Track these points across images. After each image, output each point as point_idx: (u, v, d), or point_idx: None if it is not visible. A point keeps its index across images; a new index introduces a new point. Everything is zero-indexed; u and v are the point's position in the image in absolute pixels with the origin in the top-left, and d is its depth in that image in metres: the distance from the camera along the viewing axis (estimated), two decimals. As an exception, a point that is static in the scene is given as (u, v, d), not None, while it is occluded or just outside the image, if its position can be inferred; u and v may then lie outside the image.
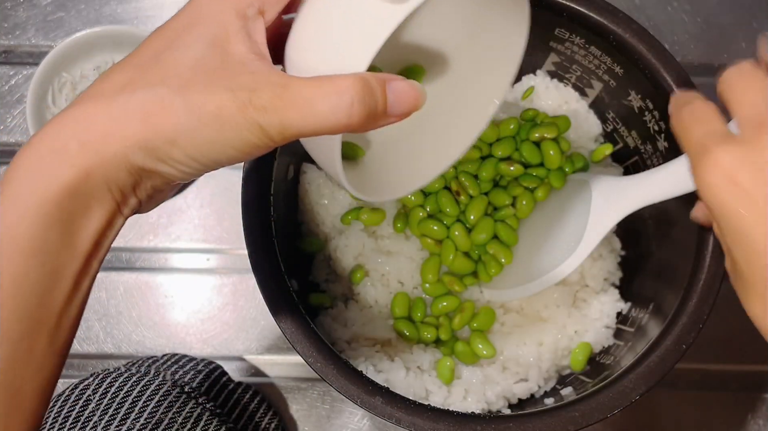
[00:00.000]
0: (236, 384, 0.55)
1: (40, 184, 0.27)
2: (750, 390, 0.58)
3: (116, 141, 0.27)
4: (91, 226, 0.28)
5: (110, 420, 0.49)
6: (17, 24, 0.65)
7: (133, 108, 0.28)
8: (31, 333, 0.27)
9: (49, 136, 0.28)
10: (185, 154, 0.28)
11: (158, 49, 0.29)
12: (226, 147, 0.28)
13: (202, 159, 0.28)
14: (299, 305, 0.45)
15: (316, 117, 0.27)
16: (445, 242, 0.52)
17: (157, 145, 0.27)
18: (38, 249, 0.27)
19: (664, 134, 0.49)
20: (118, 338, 0.59)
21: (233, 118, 0.27)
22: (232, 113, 0.27)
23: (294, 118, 0.27)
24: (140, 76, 0.28)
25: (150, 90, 0.28)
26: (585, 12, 0.48)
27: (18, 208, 0.27)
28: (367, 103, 0.28)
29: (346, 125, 0.28)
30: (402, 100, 0.29)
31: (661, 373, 0.43)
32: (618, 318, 0.53)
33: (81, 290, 0.29)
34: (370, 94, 0.28)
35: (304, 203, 0.55)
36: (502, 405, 0.51)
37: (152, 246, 0.61)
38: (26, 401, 0.28)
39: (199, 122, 0.27)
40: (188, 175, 0.29)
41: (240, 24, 0.30)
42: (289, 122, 0.27)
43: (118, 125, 0.27)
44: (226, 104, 0.27)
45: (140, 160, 0.28)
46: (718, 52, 0.64)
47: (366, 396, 0.43)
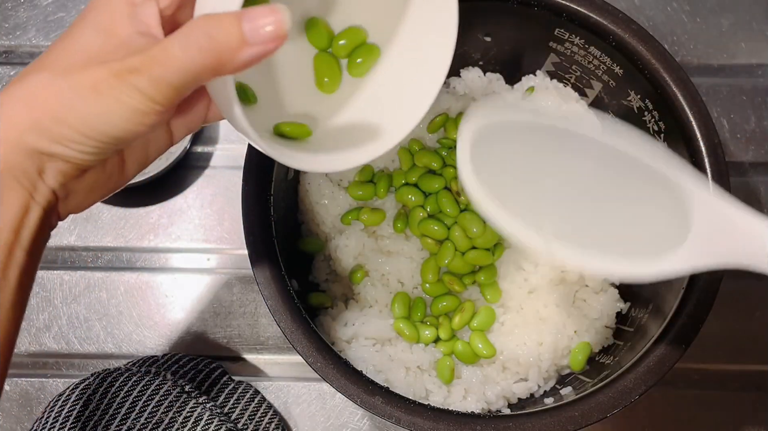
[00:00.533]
0: (236, 384, 0.55)
1: None
2: (750, 390, 0.58)
3: (8, 126, 0.28)
4: (5, 216, 0.29)
5: (110, 419, 0.49)
6: (18, 24, 0.65)
7: (20, 94, 0.29)
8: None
9: None
10: (75, 130, 0.29)
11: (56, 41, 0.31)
12: (111, 116, 0.29)
13: (93, 134, 0.29)
14: (299, 305, 0.45)
15: (174, 62, 0.28)
16: (445, 243, 0.52)
17: (45, 124, 0.29)
18: None
19: (663, 134, 0.49)
20: (119, 338, 0.59)
21: (109, 86, 0.28)
22: (107, 82, 0.28)
23: (160, 70, 0.28)
24: (32, 67, 0.30)
25: (35, 76, 0.29)
26: (584, 12, 0.48)
27: None
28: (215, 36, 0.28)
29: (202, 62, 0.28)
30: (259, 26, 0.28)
31: (660, 373, 0.43)
32: (618, 318, 0.53)
33: (9, 279, 0.29)
34: (218, 27, 0.28)
35: (304, 203, 0.55)
36: (501, 405, 0.51)
37: (153, 246, 0.61)
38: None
39: (80, 97, 0.28)
40: (89, 155, 0.30)
41: (127, 10, 0.31)
42: (158, 75, 0.28)
43: (7, 112, 0.29)
44: (101, 76, 0.29)
45: (34, 142, 0.29)
46: (718, 52, 0.64)
47: (366, 396, 0.43)
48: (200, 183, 0.62)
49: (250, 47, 0.29)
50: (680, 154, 0.48)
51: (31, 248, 0.30)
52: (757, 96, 0.63)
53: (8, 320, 0.29)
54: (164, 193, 0.62)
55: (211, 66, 0.28)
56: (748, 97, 0.63)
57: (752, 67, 0.64)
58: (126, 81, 0.28)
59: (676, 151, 0.48)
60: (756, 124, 0.62)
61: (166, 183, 0.61)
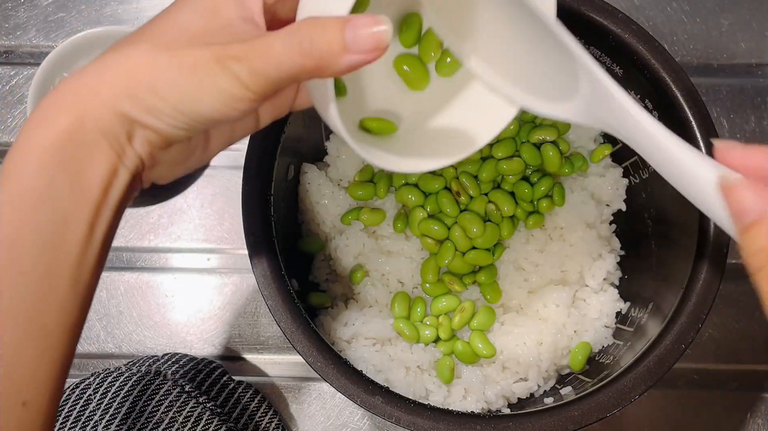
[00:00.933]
0: (236, 384, 0.55)
1: (40, 133, 0.29)
2: (749, 390, 0.58)
3: (104, 90, 0.29)
4: (95, 174, 0.30)
5: (111, 419, 0.49)
6: (18, 24, 0.65)
7: (120, 63, 0.30)
8: (51, 273, 0.29)
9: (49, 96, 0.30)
10: (169, 105, 0.30)
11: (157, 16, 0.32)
12: (206, 96, 0.30)
13: (186, 111, 0.30)
14: (299, 305, 0.45)
15: (275, 58, 0.29)
16: (445, 243, 0.52)
17: (142, 94, 0.29)
18: (46, 194, 0.29)
19: (663, 134, 0.49)
20: (119, 338, 0.59)
21: (209, 67, 0.29)
22: (208, 64, 0.29)
23: (260, 63, 0.29)
24: (138, 36, 0.31)
25: (136, 47, 0.30)
26: (584, 12, 0.48)
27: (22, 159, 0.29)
28: (317, 43, 0.29)
29: (301, 64, 0.29)
30: (362, 36, 0.29)
31: (660, 373, 0.43)
32: (617, 317, 0.53)
33: (96, 236, 0.30)
34: (322, 33, 0.29)
35: (304, 203, 0.55)
36: (501, 405, 0.51)
37: (153, 246, 0.61)
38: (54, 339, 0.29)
39: (179, 73, 0.29)
40: (178, 130, 0.31)
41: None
42: (257, 67, 0.29)
43: (106, 78, 0.30)
44: (203, 57, 0.29)
45: (128, 109, 0.29)
46: (718, 53, 0.64)
47: (366, 395, 0.43)
48: (200, 183, 0.62)
49: (351, 55, 0.30)
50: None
51: (116, 209, 0.31)
52: (757, 96, 0.63)
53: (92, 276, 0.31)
54: (164, 193, 0.62)
55: (310, 69, 0.30)
56: (748, 97, 0.63)
57: (752, 67, 0.64)
58: (226, 66, 0.29)
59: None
60: (756, 124, 0.62)
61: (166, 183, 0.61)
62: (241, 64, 0.29)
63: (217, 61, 0.29)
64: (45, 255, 0.29)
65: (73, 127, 0.29)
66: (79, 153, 0.29)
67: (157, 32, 0.31)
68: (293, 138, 0.50)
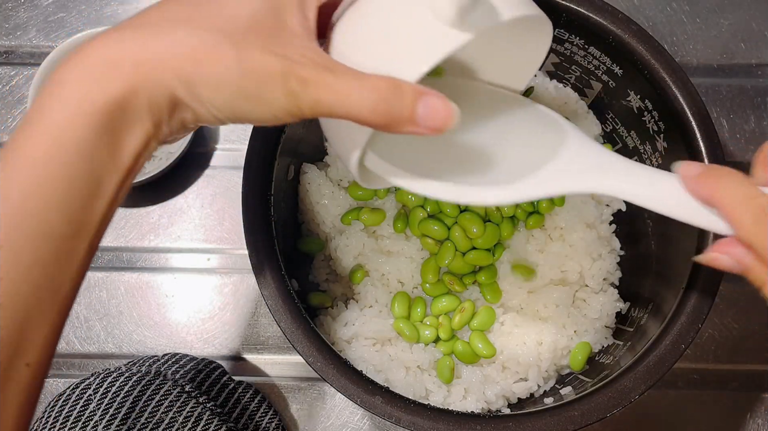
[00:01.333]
0: (236, 384, 0.55)
1: (91, 93, 0.28)
2: (749, 390, 0.58)
3: (165, 69, 0.29)
4: (133, 142, 0.30)
5: (111, 419, 0.49)
6: (18, 24, 0.65)
7: (187, 44, 0.29)
8: (75, 235, 0.29)
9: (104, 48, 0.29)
10: (221, 99, 0.30)
11: None
12: (260, 104, 0.30)
13: (235, 109, 0.30)
14: (299, 305, 0.45)
15: (345, 105, 0.30)
16: (445, 243, 0.52)
17: (199, 83, 0.29)
18: (87, 156, 0.28)
19: (663, 134, 0.49)
20: (119, 338, 0.59)
21: (275, 80, 0.29)
22: (275, 76, 0.29)
23: (328, 99, 0.30)
24: (199, 15, 0.30)
25: (206, 33, 0.30)
26: (584, 12, 0.48)
27: (68, 113, 0.28)
28: (393, 107, 0.30)
29: (366, 119, 0.30)
30: (431, 116, 0.30)
31: (660, 373, 0.43)
32: (617, 318, 0.53)
33: (118, 202, 0.30)
34: (399, 99, 0.30)
35: (304, 203, 0.55)
36: (501, 405, 0.51)
37: (153, 246, 0.61)
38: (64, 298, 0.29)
39: (244, 75, 0.29)
40: (217, 121, 0.31)
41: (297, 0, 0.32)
42: (322, 101, 0.30)
43: (170, 56, 0.29)
44: (272, 66, 0.29)
45: (180, 93, 0.29)
46: (718, 53, 0.64)
47: (366, 395, 0.43)
48: (200, 183, 0.62)
49: (414, 127, 0.31)
50: (680, 153, 0.48)
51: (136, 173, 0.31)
52: (757, 96, 0.63)
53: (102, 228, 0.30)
54: (164, 193, 0.62)
55: (370, 123, 0.30)
56: (748, 97, 0.63)
57: (752, 67, 0.64)
58: (290, 84, 0.29)
59: (676, 151, 0.48)
60: (756, 124, 0.62)
61: (167, 183, 0.61)
62: (307, 90, 0.30)
63: (284, 76, 0.29)
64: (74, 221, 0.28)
65: (127, 97, 0.29)
66: (124, 122, 0.29)
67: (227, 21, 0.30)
68: (293, 138, 0.50)
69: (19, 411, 0.28)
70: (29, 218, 0.27)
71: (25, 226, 0.27)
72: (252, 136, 0.47)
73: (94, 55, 0.29)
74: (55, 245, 0.28)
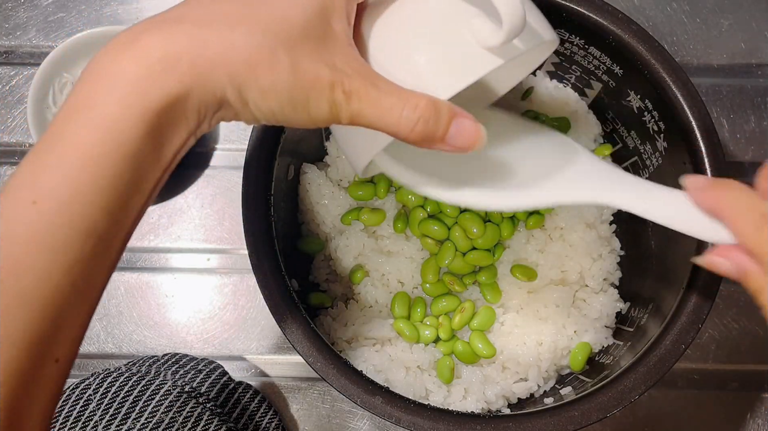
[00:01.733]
0: (236, 384, 0.55)
1: (150, 91, 0.28)
2: (749, 390, 0.58)
3: (221, 72, 0.29)
4: (176, 141, 0.30)
5: (111, 419, 0.49)
6: (18, 24, 0.65)
7: (245, 47, 0.29)
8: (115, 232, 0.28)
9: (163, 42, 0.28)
10: (268, 105, 0.30)
11: None
12: (303, 111, 0.30)
13: (277, 114, 0.30)
14: (299, 305, 0.45)
15: (385, 120, 0.31)
16: (446, 243, 0.52)
17: (250, 90, 0.29)
18: (135, 154, 0.28)
19: (663, 134, 0.49)
20: (119, 338, 0.59)
21: (323, 91, 0.30)
22: (324, 86, 0.30)
23: (370, 112, 0.31)
24: (253, 14, 0.30)
25: (263, 36, 0.29)
26: (584, 12, 0.48)
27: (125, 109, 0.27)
28: (430, 126, 0.31)
29: (404, 136, 0.31)
30: (462, 137, 0.32)
31: (660, 373, 0.43)
32: (617, 318, 0.53)
33: (153, 198, 0.30)
34: (436, 119, 0.31)
35: (304, 203, 0.55)
36: (501, 405, 0.51)
37: (153, 246, 0.61)
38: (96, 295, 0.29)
39: (295, 84, 0.30)
40: (254, 120, 0.31)
41: (344, 3, 0.32)
42: (364, 113, 0.31)
43: (226, 59, 0.29)
44: (323, 77, 0.30)
45: (230, 95, 0.29)
46: (718, 53, 0.64)
47: (366, 395, 0.43)
48: (200, 183, 0.62)
49: (443, 144, 0.32)
50: (680, 153, 0.48)
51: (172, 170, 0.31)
52: (757, 96, 0.63)
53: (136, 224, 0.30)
54: (164, 193, 0.62)
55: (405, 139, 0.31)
56: (748, 97, 0.63)
57: (752, 67, 0.64)
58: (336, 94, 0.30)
59: (676, 151, 0.48)
60: (756, 124, 0.62)
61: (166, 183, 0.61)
62: (350, 102, 0.30)
63: (331, 86, 0.30)
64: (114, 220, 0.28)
65: (180, 97, 0.28)
66: (173, 121, 0.29)
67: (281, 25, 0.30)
68: (293, 138, 0.50)
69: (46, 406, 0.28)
70: (76, 217, 0.27)
71: (73, 224, 0.27)
72: (252, 136, 0.47)
73: (154, 49, 0.28)
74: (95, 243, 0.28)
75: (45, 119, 0.59)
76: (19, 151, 0.63)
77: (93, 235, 0.27)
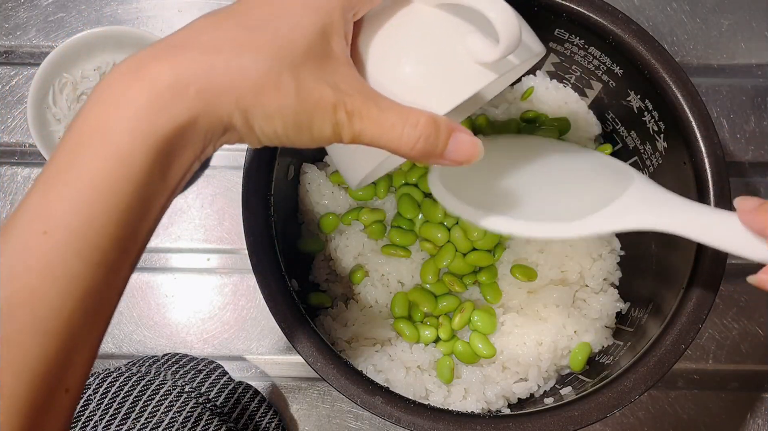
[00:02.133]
0: (236, 384, 0.55)
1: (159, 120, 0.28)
2: (749, 390, 0.58)
3: (228, 99, 0.29)
4: (182, 166, 0.30)
5: (111, 419, 0.49)
6: (18, 24, 0.65)
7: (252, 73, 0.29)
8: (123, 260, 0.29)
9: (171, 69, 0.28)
10: (273, 128, 0.30)
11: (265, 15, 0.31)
12: (307, 132, 0.31)
13: (281, 136, 0.31)
14: (299, 305, 0.45)
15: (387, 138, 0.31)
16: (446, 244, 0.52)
17: (256, 115, 0.30)
18: (143, 184, 0.28)
19: (663, 134, 0.49)
20: (119, 338, 0.59)
21: (327, 112, 0.30)
22: (327, 108, 0.30)
23: (372, 131, 0.31)
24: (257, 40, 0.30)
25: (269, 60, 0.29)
26: (584, 13, 0.48)
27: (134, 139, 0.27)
28: (430, 143, 0.32)
29: (405, 153, 0.32)
30: (460, 151, 0.32)
31: (660, 373, 0.43)
32: (617, 318, 0.53)
33: (159, 221, 0.30)
34: (436, 136, 0.32)
35: (304, 203, 0.55)
36: (501, 405, 0.51)
37: (153, 246, 0.61)
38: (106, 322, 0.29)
39: (300, 107, 0.30)
40: (258, 143, 0.31)
41: (343, 22, 0.32)
42: (366, 133, 0.31)
43: (233, 85, 0.29)
44: (326, 98, 0.30)
45: (236, 121, 0.30)
46: (718, 53, 0.64)
47: (366, 395, 0.43)
48: (200, 183, 0.62)
49: (441, 159, 0.32)
50: (680, 154, 0.48)
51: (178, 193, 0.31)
52: (757, 96, 0.63)
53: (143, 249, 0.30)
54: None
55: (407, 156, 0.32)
56: (748, 97, 0.63)
57: (752, 67, 0.64)
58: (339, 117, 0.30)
59: (676, 151, 0.48)
60: (756, 124, 0.62)
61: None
62: (352, 122, 0.31)
63: (334, 108, 0.30)
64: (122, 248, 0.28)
65: (188, 124, 0.28)
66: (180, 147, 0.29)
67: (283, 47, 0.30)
68: (293, 138, 0.50)
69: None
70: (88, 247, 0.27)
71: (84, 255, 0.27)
72: (252, 136, 0.47)
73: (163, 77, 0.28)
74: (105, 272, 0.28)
75: (45, 119, 0.59)
76: (19, 151, 0.63)
77: (103, 265, 0.28)
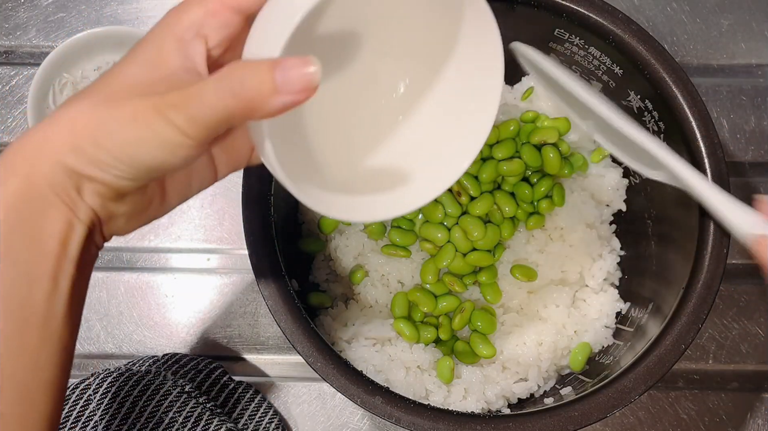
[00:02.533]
0: (236, 384, 0.55)
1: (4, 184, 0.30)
2: (749, 390, 0.58)
3: (48, 146, 0.30)
4: (51, 229, 0.30)
5: (111, 419, 0.49)
6: (18, 24, 0.65)
7: (63, 119, 0.30)
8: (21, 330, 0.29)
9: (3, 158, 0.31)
10: (111, 155, 0.30)
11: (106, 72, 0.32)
12: (145, 145, 0.30)
13: (128, 160, 0.30)
14: (299, 305, 0.45)
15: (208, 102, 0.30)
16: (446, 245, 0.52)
17: (85, 147, 0.30)
18: (6, 252, 0.29)
19: (663, 134, 0.49)
20: (119, 338, 0.59)
21: (147, 116, 0.30)
22: (146, 113, 0.30)
23: (194, 109, 0.30)
24: (79, 95, 0.31)
25: (79, 104, 0.31)
26: (584, 12, 0.48)
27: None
28: (249, 82, 0.29)
29: (233, 106, 0.30)
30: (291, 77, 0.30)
31: (660, 373, 0.43)
32: (617, 318, 0.53)
33: (60, 290, 0.30)
34: (252, 73, 0.30)
35: (304, 203, 0.55)
36: (501, 405, 0.51)
37: (153, 246, 0.61)
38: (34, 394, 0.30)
39: (119, 124, 0.30)
40: (124, 180, 0.31)
41: (176, 45, 0.32)
42: (193, 113, 0.30)
43: (50, 134, 0.30)
44: (141, 107, 0.30)
45: (72, 162, 0.30)
46: (718, 53, 0.64)
47: (366, 395, 0.43)
48: (200, 183, 0.62)
49: (281, 96, 0.30)
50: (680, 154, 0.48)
51: (78, 262, 0.31)
52: (757, 96, 0.63)
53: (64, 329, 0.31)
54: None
55: (242, 111, 0.30)
56: (748, 97, 0.63)
57: (752, 67, 0.64)
58: (164, 114, 0.30)
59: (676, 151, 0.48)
60: (756, 124, 0.62)
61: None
62: (178, 111, 0.30)
63: (156, 110, 0.30)
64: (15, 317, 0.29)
65: (24, 186, 0.29)
66: (33, 211, 0.30)
67: (101, 87, 0.31)
68: (293, 138, 0.50)
69: None
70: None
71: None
72: (252, 136, 0.47)
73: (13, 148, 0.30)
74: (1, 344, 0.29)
75: (45, 119, 0.59)
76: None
77: None
